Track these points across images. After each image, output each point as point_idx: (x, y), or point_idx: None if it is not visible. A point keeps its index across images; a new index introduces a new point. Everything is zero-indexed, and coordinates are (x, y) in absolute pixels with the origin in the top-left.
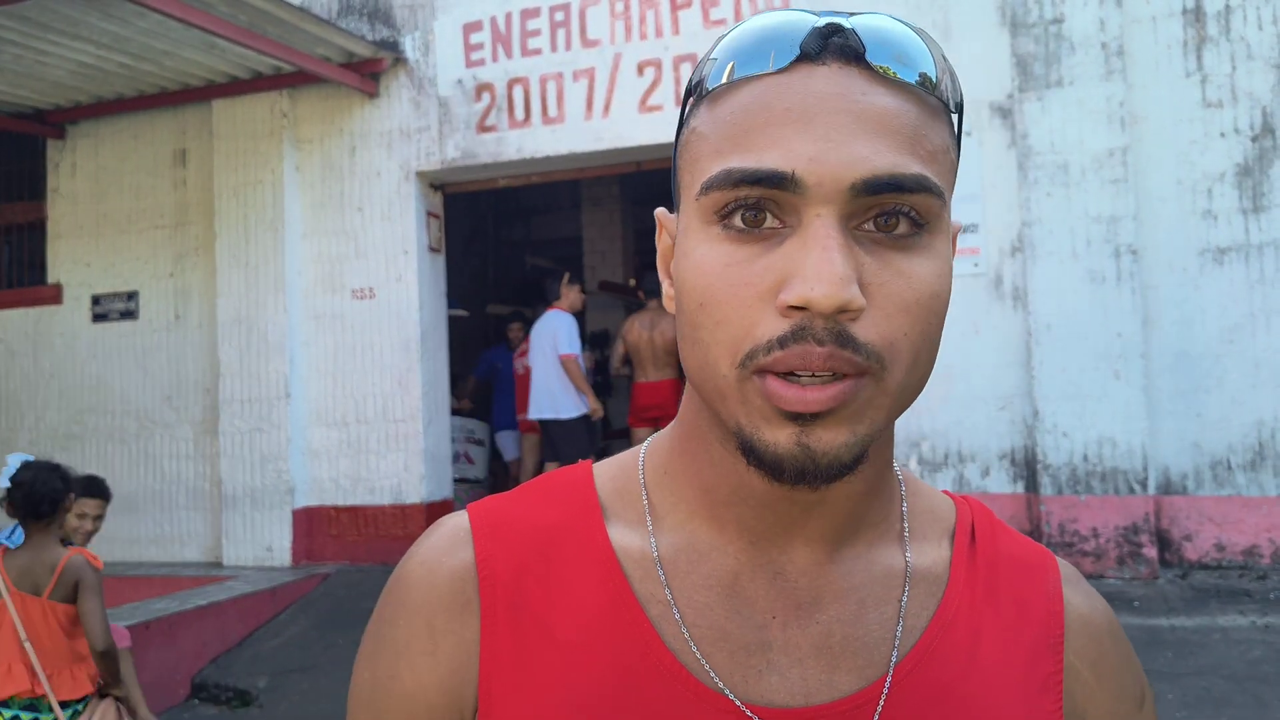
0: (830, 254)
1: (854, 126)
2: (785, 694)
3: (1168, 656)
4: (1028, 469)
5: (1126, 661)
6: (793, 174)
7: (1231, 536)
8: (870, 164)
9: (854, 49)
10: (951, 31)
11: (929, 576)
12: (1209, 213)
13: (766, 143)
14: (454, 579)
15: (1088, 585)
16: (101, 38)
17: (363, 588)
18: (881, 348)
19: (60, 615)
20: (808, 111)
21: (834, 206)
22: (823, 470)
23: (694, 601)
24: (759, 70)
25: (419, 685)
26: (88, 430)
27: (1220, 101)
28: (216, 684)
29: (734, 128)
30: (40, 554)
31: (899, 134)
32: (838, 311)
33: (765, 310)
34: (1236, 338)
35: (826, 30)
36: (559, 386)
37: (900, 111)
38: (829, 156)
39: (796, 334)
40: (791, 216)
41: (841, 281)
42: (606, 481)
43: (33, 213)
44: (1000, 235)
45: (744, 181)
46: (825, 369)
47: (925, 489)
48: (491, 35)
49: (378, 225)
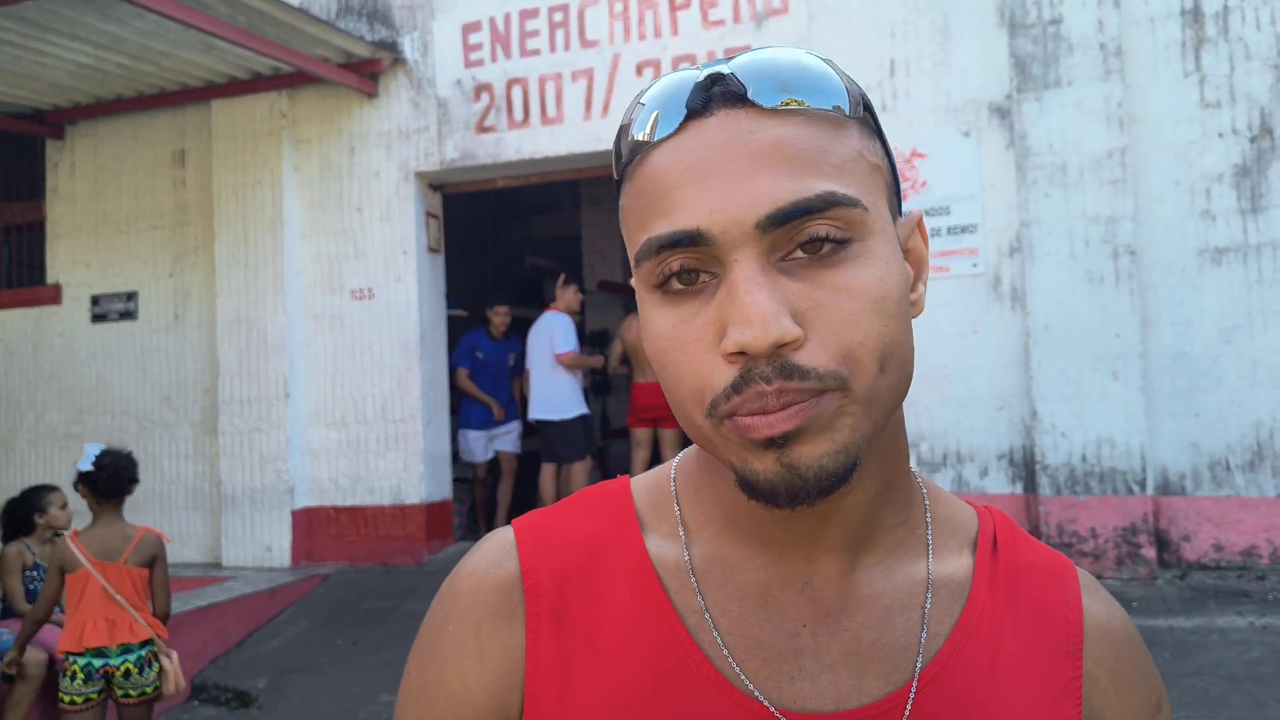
0: (752, 295)
1: (749, 167)
2: (817, 699)
3: (1166, 657)
4: (1026, 469)
5: (1144, 669)
6: (698, 230)
7: (1230, 537)
8: (769, 198)
9: (736, 92)
10: (950, 31)
11: (951, 584)
12: (1207, 213)
13: (673, 206)
14: (500, 588)
15: (1107, 594)
16: (100, 38)
17: (362, 588)
18: (835, 366)
19: (134, 577)
20: (702, 165)
21: (747, 249)
22: (812, 485)
23: (728, 611)
24: (659, 137)
25: (466, 689)
26: (87, 430)
27: (1219, 102)
28: (216, 685)
29: (647, 198)
30: (113, 528)
31: (795, 160)
32: (774, 349)
33: (716, 361)
34: (1235, 338)
35: (707, 83)
36: (556, 387)
37: (793, 138)
38: (728, 204)
39: (745, 377)
40: (717, 267)
41: (769, 319)
42: (643, 495)
43: (32, 213)
44: (999, 235)
45: (663, 248)
46: (780, 406)
47: (948, 498)
48: (490, 36)
49: (377, 225)
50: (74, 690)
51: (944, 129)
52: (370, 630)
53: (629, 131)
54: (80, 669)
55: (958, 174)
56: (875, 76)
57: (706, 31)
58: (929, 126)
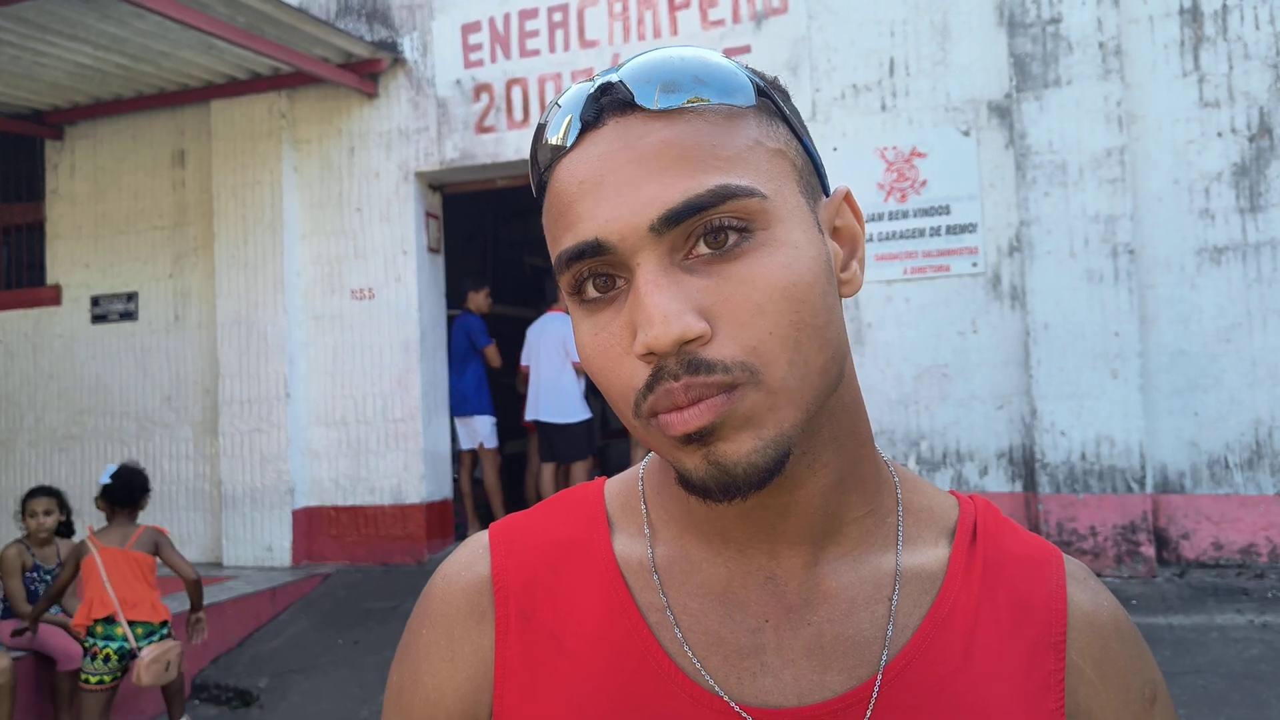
0: (653, 297)
1: (639, 172)
2: (779, 695)
3: (1165, 655)
4: (1026, 468)
5: (1135, 660)
6: (596, 240)
7: (1229, 535)
8: (660, 201)
9: (623, 99)
10: (949, 31)
11: (923, 575)
12: (1206, 212)
13: (576, 218)
14: (471, 591)
15: (1096, 582)
16: (99, 39)
17: (363, 588)
18: (743, 357)
19: (138, 562)
20: (596, 175)
21: (646, 252)
22: (740, 481)
23: (689, 608)
24: (559, 155)
25: (439, 690)
26: (87, 431)
27: (1217, 101)
28: (217, 684)
29: (555, 213)
30: (121, 527)
31: (685, 159)
32: (678, 345)
33: (635, 363)
34: (1234, 337)
35: (597, 94)
36: (564, 390)
37: (681, 136)
38: (622, 211)
39: (656, 375)
40: (626, 272)
41: (669, 318)
42: (614, 496)
43: (31, 214)
44: (998, 235)
45: (572, 260)
46: (689, 400)
47: (925, 487)
48: (490, 36)
49: (377, 226)
50: (94, 670)
51: (943, 128)
52: (371, 630)
53: (544, 135)
54: (114, 651)
55: (957, 173)
56: (875, 76)
57: (706, 31)
58: (928, 126)
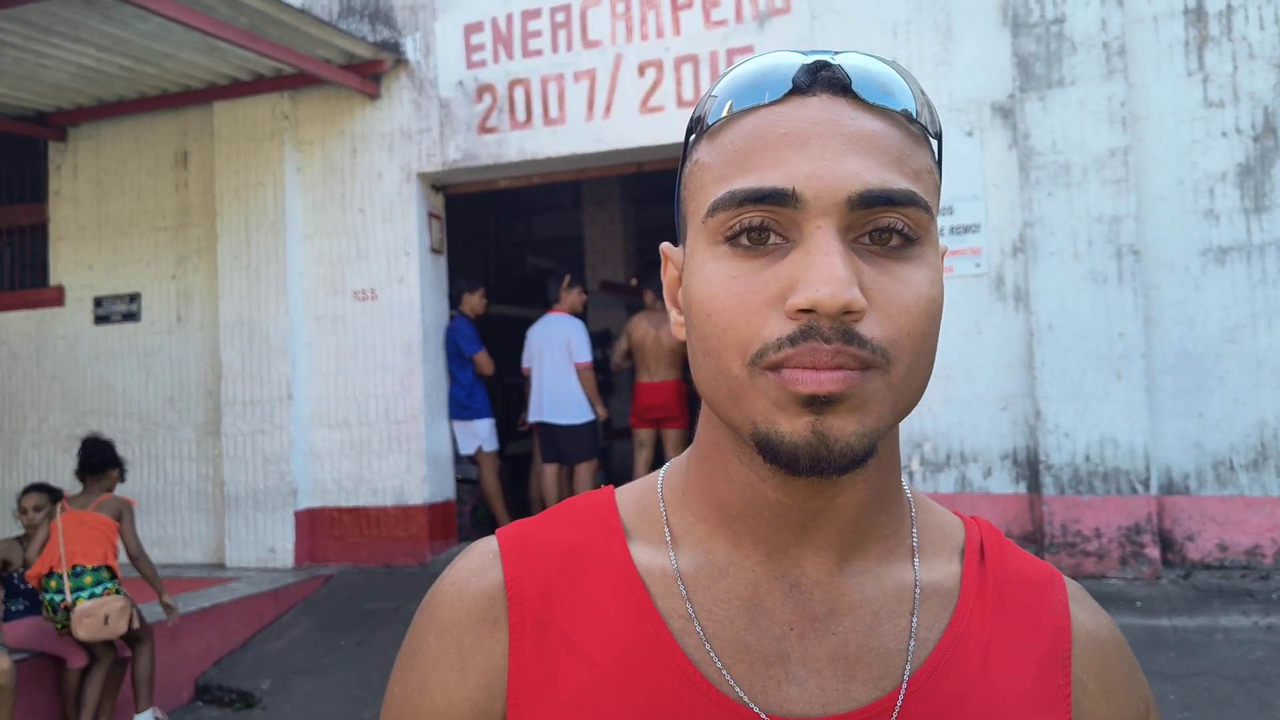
0: (832, 259)
1: (845, 147)
2: (804, 704)
3: (1170, 657)
4: (1030, 469)
5: (1131, 675)
6: (793, 190)
7: (1234, 536)
8: (862, 178)
9: (840, 81)
10: (953, 31)
11: (940, 591)
12: (1211, 213)
13: (766, 164)
14: (483, 598)
15: (1093, 602)
16: (102, 40)
17: (365, 589)
18: (885, 344)
19: (98, 523)
20: (802, 135)
21: (832, 219)
22: (836, 458)
23: (714, 615)
24: (755, 103)
25: (448, 700)
26: (90, 432)
27: (1222, 101)
28: (220, 686)
29: (735, 154)
30: (92, 495)
31: (886, 153)
32: (843, 311)
33: (772, 315)
34: (1238, 337)
35: (815, 66)
36: (569, 392)
37: (886, 134)
38: (825, 172)
39: (805, 333)
40: (794, 231)
41: (844, 283)
42: (628, 503)
43: (34, 215)
44: (1002, 235)
45: (748, 200)
46: (833, 365)
47: (935, 508)
48: (492, 36)
49: (379, 226)
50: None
51: (947, 129)
52: (374, 631)
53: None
54: (48, 603)
55: (961, 174)
56: None
57: (709, 31)
58: None
